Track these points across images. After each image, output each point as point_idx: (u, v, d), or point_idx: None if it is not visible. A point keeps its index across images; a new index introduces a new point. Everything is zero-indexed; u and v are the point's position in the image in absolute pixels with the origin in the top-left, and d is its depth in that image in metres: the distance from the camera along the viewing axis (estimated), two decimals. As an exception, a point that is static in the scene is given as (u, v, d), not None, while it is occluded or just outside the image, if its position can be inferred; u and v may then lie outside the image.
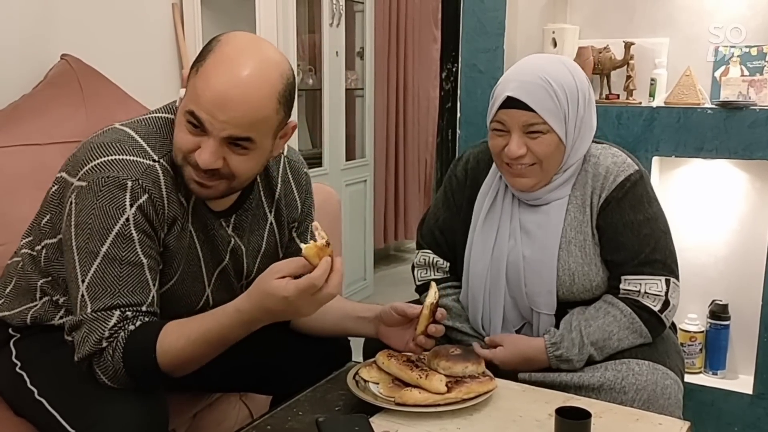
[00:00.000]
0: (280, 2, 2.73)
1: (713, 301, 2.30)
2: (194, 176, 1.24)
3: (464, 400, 1.31)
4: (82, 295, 1.21)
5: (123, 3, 2.53)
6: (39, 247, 1.38)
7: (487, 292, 1.59)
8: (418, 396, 1.30)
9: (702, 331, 2.31)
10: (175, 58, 2.76)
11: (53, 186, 1.36)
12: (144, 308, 1.24)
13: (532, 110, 1.45)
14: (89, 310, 1.20)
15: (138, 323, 1.22)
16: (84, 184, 1.23)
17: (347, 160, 3.77)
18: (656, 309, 1.49)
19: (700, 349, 2.32)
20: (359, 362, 1.49)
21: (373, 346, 1.56)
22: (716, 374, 2.31)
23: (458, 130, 2.43)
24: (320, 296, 1.16)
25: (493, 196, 1.60)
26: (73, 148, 1.94)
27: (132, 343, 1.21)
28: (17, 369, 1.35)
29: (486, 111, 1.55)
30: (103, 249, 1.21)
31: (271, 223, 1.49)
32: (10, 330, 1.41)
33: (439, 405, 1.30)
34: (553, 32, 2.35)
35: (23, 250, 1.43)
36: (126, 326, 1.21)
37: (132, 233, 1.22)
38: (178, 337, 1.21)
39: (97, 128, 1.99)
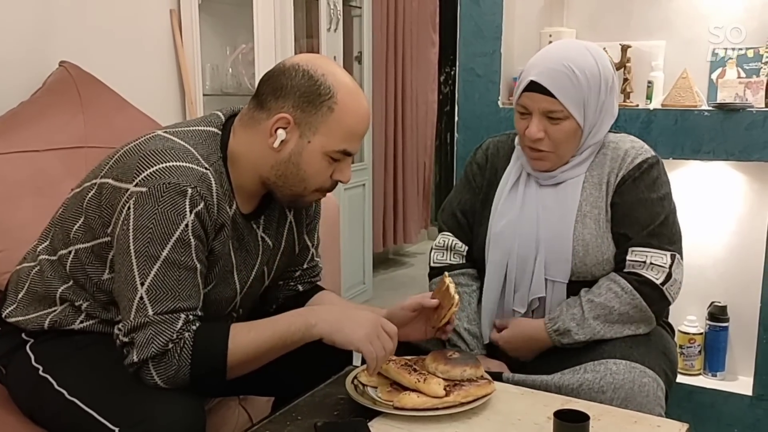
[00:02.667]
0: (278, 8, 2.73)
1: (712, 302, 2.30)
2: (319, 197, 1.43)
3: (463, 404, 1.32)
4: (141, 298, 1.22)
5: (121, 10, 2.53)
6: (64, 252, 1.37)
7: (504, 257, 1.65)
8: (416, 400, 1.31)
9: (701, 333, 2.32)
10: (174, 65, 2.76)
11: (88, 191, 1.35)
12: (198, 312, 1.28)
13: (552, 96, 1.52)
14: (151, 313, 1.22)
15: (197, 325, 1.26)
16: (144, 189, 1.23)
17: (346, 164, 3.77)
18: (658, 282, 1.54)
19: (699, 351, 2.32)
20: (358, 366, 1.49)
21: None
22: (715, 376, 2.31)
23: (456, 134, 2.43)
24: (382, 335, 1.31)
25: (514, 180, 1.68)
26: (72, 154, 1.97)
27: (201, 343, 1.24)
28: (40, 373, 1.34)
29: (483, 114, 1.58)
30: (164, 253, 1.23)
31: (291, 222, 1.53)
32: (23, 335, 1.41)
33: (437, 409, 1.30)
34: (550, 35, 2.35)
35: (41, 257, 1.41)
36: (189, 328, 1.24)
37: (190, 239, 1.25)
38: (248, 336, 1.27)
39: (96, 134, 2.02)
